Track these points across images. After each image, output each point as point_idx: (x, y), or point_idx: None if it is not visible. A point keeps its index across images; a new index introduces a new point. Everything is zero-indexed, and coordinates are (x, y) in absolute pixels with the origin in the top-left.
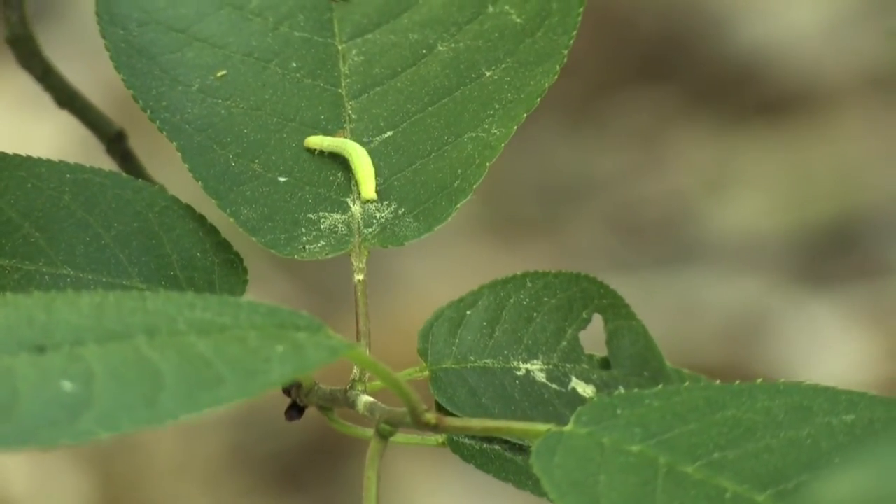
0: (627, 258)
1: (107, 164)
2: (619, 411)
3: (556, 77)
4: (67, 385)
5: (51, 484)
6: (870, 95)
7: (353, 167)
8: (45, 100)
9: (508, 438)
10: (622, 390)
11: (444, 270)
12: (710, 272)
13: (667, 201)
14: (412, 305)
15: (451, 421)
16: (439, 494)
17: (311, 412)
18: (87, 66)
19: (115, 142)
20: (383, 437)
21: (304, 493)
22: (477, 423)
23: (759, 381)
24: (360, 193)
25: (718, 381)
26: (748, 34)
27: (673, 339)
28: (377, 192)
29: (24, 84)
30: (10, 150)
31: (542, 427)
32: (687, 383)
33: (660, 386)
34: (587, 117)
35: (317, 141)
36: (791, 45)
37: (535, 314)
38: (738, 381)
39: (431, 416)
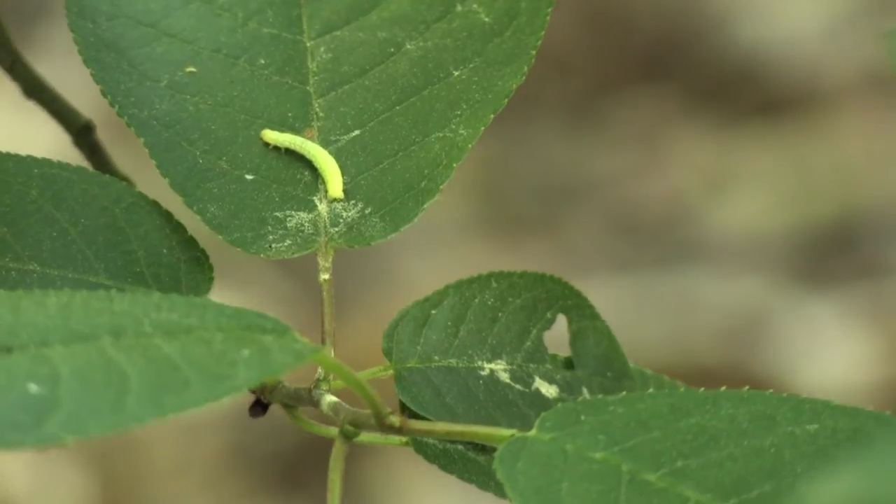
0: (627, 258)
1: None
2: (582, 417)
3: (523, 78)
4: (33, 387)
5: (51, 484)
6: (870, 95)
7: (318, 168)
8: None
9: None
10: (585, 391)
11: (445, 269)
12: (710, 272)
13: (667, 201)
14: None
15: (414, 424)
16: (436, 495)
17: (311, 411)
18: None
19: (83, 134)
20: (347, 437)
21: (304, 493)
22: (441, 427)
23: (723, 388)
24: (326, 192)
25: (682, 387)
26: (748, 34)
27: (672, 339)
28: (344, 191)
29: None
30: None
31: (505, 432)
32: (651, 390)
33: (624, 392)
34: (587, 117)
35: (273, 136)
36: (791, 45)
37: (499, 314)
38: (702, 389)
39: (395, 419)
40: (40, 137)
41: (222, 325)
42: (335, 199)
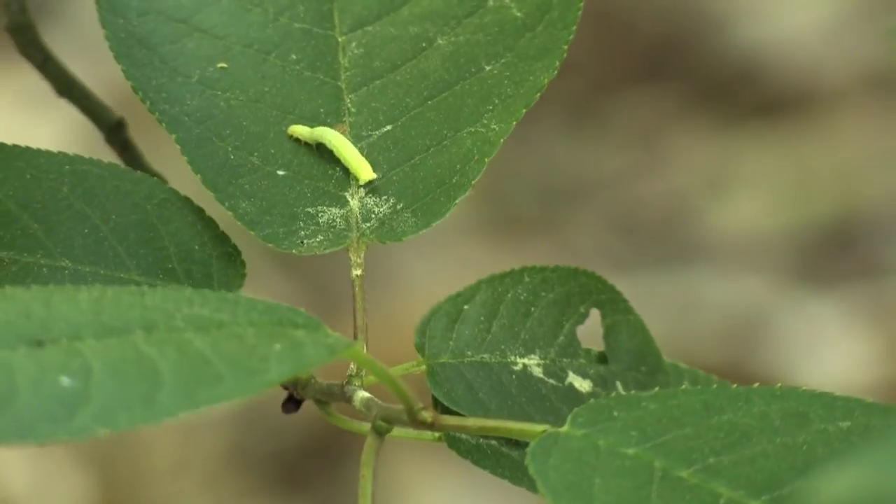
0: (627, 258)
1: (108, 157)
2: (615, 413)
3: (555, 72)
4: (65, 380)
5: (51, 484)
6: (869, 95)
7: (339, 156)
8: (48, 95)
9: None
10: (619, 385)
11: (445, 269)
12: (710, 272)
13: (667, 201)
14: (413, 304)
15: (447, 419)
16: (437, 491)
17: (310, 411)
18: (89, 63)
19: (115, 131)
20: (379, 433)
21: (304, 493)
22: (473, 423)
23: (756, 385)
24: (357, 180)
25: (716, 381)
26: (748, 34)
27: (673, 339)
28: (376, 186)
29: (30, 78)
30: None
31: (538, 428)
32: (684, 386)
33: (657, 387)
34: (587, 117)
35: (298, 130)
36: (791, 45)
37: (532, 309)
38: (735, 385)
39: (427, 415)
40: (44, 135)
41: (254, 320)
42: (368, 182)
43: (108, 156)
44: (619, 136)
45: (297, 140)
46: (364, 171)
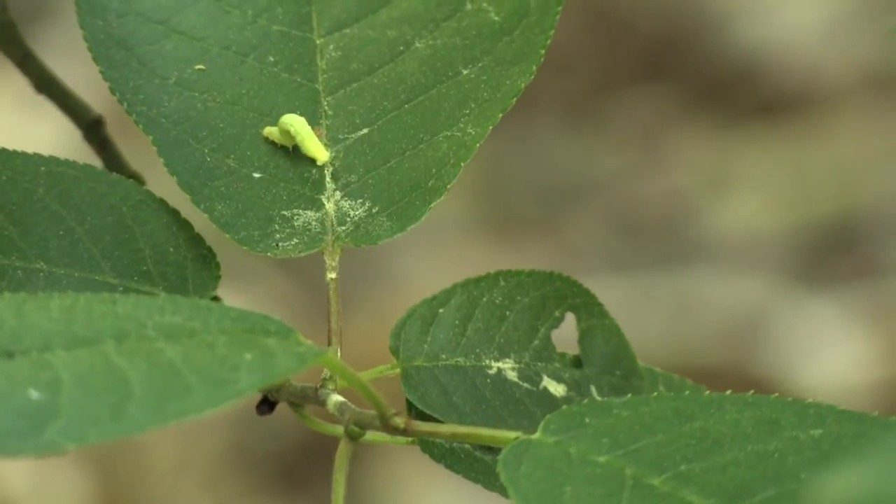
0: (627, 258)
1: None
2: (587, 420)
3: (532, 77)
4: (34, 393)
5: (51, 483)
6: (869, 95)
7: (297, 137)
8: (43, 98)
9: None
10: (594, 389)
11: (445, 269)
12: (710, 272)
13: (667, 201)
14: (412, 304)
15: (419, 425)
16: (440, 491)
17: (311, 411)
18: (82, 65)
19: (93, 129)
20: (352, 438)
21: (304, 493)
22: (445, 429)
23: (728, 392)
24: (315, 161)
25: (689, 387)
26: (748, 34)
27: (672, 339)
28: (352, 189)
29: (23, 83)
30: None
31: (510, 434)
32: (657, 393)
33: (630, 394)
34: (587, 117)
35: (269, 130)
36: (790, 45)
37: (507, 313)
38: (708, 392)
39: (400, 420)
40: (43, 135)
41: (226, 327)
42: (343, 186)
43: (90, 154)
44: (619, 135)
45: (273, 143)
46: (319, 152)
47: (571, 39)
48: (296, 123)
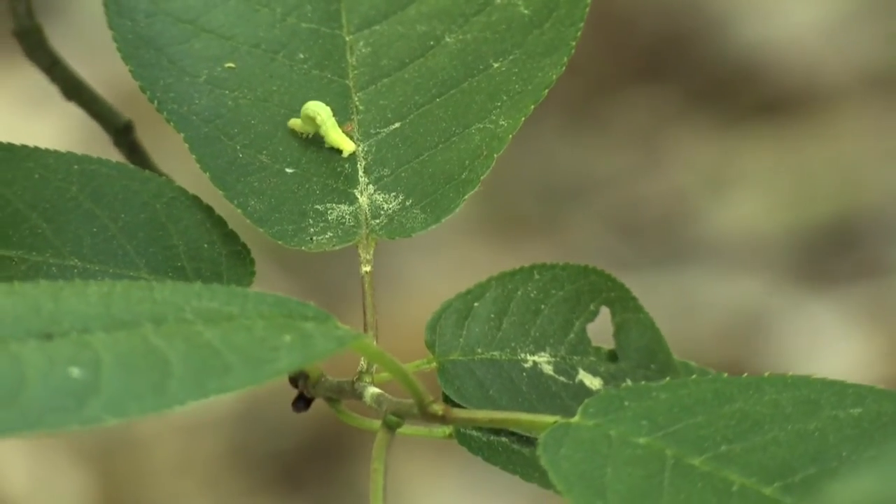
0: (627, 258)
1: (112, 159)
2: (626, 403)
3: (563, 68)
4: (75, 371)
5: (51, 483)
6: (870, 95)
7: (322, 128)
8: (50, 95)
9: (515, 430)
10: (629, 383)
11: (445, 269)
12: (710, 272)
13: (667, 201)
14: (412, 303)
15: (457, 412)
16: (441, 491)
17: (310, 412)
18: (91, 63)
19: (123, 134)
20: (390, 428)
21: (304, 493)
22: (484, 415)
23: (767, 374)
24: (341, 152)
25: (726, 374)
26: (748, 34)
27: (673, 339)
28: (385, 183)
29: (29, 80)
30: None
31: (548, 419)
32: (694, 376)
33: (667, 378)
34: (587, 117)
35: (294, 122)
36: (791, 45)
37: (542, 306)
38: (745, 374)
39: (438, 407)
40: (43, 135)
41: (263, 312)
42: (377, 180)
43: (111, 157)
44: (619, 135)
45: (303, 137)
46: (346, 143)
47: None
48: (322, 112)
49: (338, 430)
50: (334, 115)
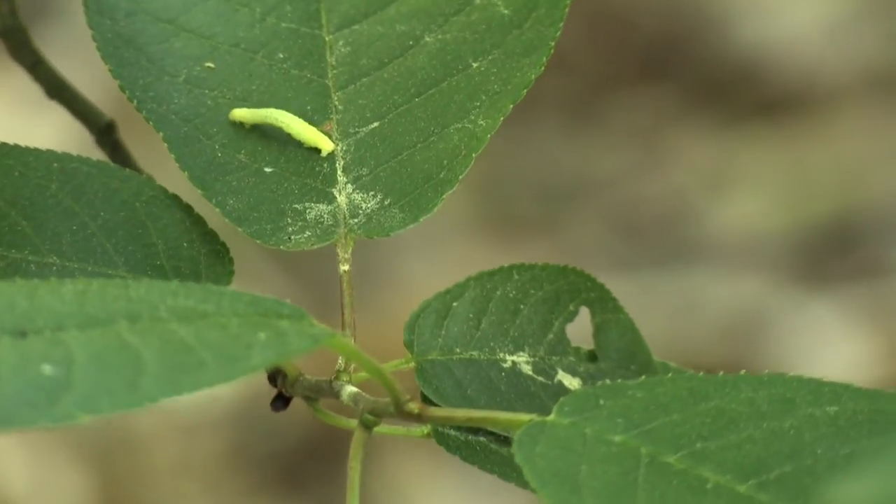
0: (627, 257)
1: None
2: (601, 402)
3: (542, 69)
4: (48, 368)
5: (50, 483)
6: (870, 95)
7: (294, 134)
8: (41, 97)
9: (493, 429)
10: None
11: (444, 268)
12: (710, 272)
13: (667, 201)
14: (412, 303)
15: (434, 411)
16: (432, 490)
17: (310, 412)
18: (85, 65)
19: (105, 133)
20: (367, 427)
21: (304, 492)
22: (461, 413)
23: (743, 372)
24: (319, 152)
25: (702, 373)
26: (748, 34)
27: (672, 339)
28: (363, 182)
29: (23, 80)
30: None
31: (524, 417)
32: (670, 374)
33: (643, 377)
34: (587, 116)
35: (241, 113)
36: (791, 45)
37: (521, 306)
38: (721, 373)
39: (415, 406)
40: (42, 135)
41: (238, 310)
42: (355, 180)
43: (100, 157)
44: (618, 135)
45: (235, 123)
46: (324, 142)
47: (571, 39)
48: (285, 119)
49: (337, 431)
50: (314, 115)
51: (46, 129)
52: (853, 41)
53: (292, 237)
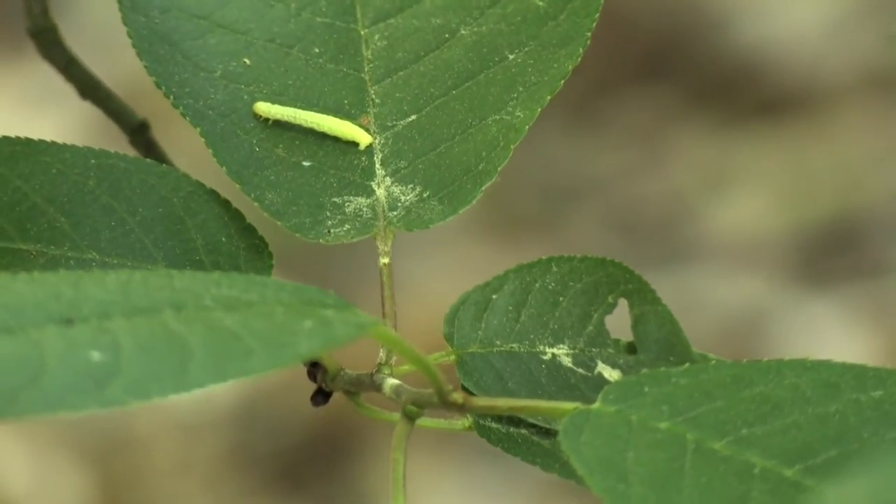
0: (627, 257)
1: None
2: (646, 389)
3: (579, 59)
4: (95, 355)
5: (51, 483)
6: (870, 95)
7: (329, 132)
8: (61, 94)
9: (535, 421)
10: None
11: (445, 268)
12: (710, 271)
13: (667, 201)
14: (412, 303)
15: (476, 400)
16: (443, 489)
17: (310, 411)
18: (103, 61)
19: (139, 132)
20: (410, 418)
21: (305, 492)
22: (503, 403)
23: (787, 358)
24: (357, 145)
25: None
26: (748, 34)
27: None
28: (402, 175)
29: (29, 78)
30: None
31: (568, 405)
32: (714, 361)
33: (686, 365)
34: (587, 116)
35: (265, 108)
36: (791, 45)
37: (560, 298)
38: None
39: (458, 396)
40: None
41: (283, 300)
42: (394, 172)
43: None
44: (619, 135)
45: (258, 117)
46: (361, 136)
47: None
48: (315, 119)
49: (338, 430)
50: (351, 109)
51: (52, 127)
52: (853, 41)
53: (332, 231)
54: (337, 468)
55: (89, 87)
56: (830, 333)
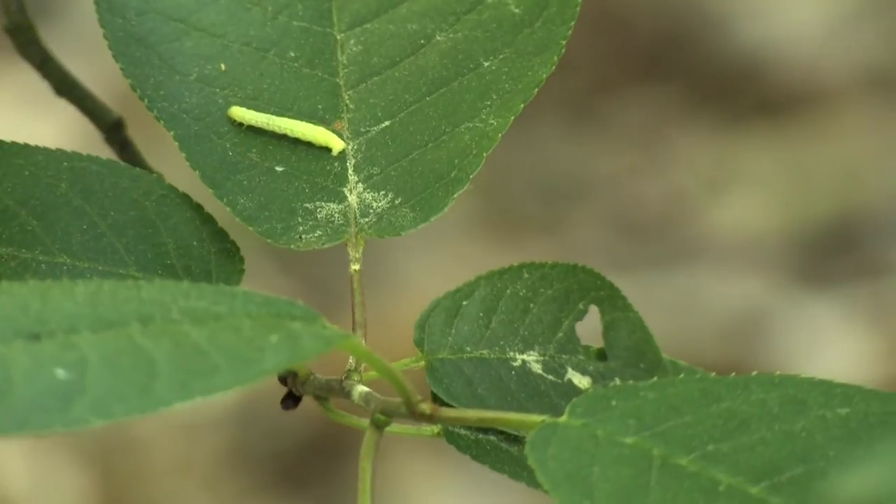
0: (627, 257)
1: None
2: (613, 403)
3: (553, 67)
4: (61, 373)
5: (50, 483)
6: (870, 95)
7: (302, 137)
8: (46, 94)
9: (503, 428)
10: (618, 382)
11: (444, 268)
12: (710, 272)
13: (667, 201)
14: (411, 302)
15: (445, 411)
16: (436, 490)
17: (310, 412)
18: (86, 63)
19: (114, 131)
20: (378, 427)
21: (305, 492)
22: (472, 414)
23: (755, 373)
24: (331, 151)
25: (713, 374)
26: (748, 34)
27: (672, 339)
28: (374, 181)
29: (25, 78)
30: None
31: (536, 418)
32: (682, 375)
33: (655, 378)
34: (587, 116)
35: (239, 113)
36: (791, 45)
37: (531, 305)
38: (733, 374)
39: (426, 406)
40: (44, 135)
41: (251, 312)
42: (367, 178)
43: (107, 155)
44: (619, 135)
45: (233, 122)
46: (334, 141)
47: (572, 39)
48: (288, 125)
49: (338, 430)
50: (325, 114)
51: (51, 127)
52: (853, 41)
53: (303, 237)
54: (336, 468)
55: (65, 85)
56: (830, 333)
